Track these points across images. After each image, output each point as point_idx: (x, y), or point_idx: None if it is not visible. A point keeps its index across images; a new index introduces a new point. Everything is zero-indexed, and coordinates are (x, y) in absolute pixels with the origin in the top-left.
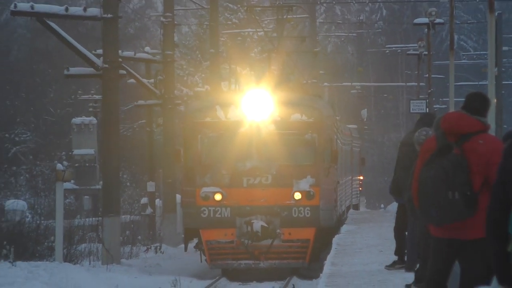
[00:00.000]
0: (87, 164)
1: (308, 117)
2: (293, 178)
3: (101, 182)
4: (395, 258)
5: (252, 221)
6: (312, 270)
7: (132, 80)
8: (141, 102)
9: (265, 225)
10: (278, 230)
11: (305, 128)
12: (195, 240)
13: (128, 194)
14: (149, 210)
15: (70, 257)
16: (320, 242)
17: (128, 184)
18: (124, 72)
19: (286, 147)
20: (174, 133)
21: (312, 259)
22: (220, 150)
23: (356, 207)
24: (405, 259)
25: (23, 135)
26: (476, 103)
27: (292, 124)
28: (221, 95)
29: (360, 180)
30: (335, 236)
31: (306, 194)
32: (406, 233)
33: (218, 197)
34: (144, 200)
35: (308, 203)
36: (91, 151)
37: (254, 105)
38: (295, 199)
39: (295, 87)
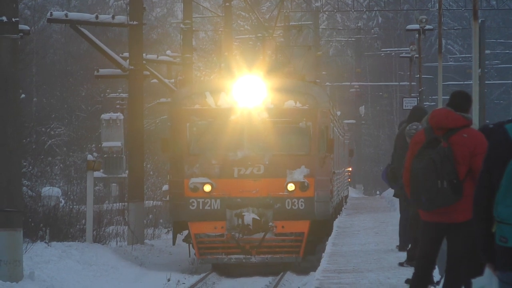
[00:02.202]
0: (114, 155)
1: (302, 104)
2: (287, 168)
3: (127, 171)
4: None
5: (243, 213)
6: (307, 265)
7: (155, 80)
8: (163, 99)
9: (257, 217)
10: (270, 223)
11: (299, 115)
12: (185, 233)
13: (151, 182)
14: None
15: (99, 238)
16: (315, 236)
17: (151, 173)
18: (148, 73)
19: (279, 135)
20: None
21: (306, 254)
22: (209, 139)
23: (345, 198)
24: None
25: (58, 129)
26: (459, 101)
27: (285, 111)
28: (211, 81)
29: (349, 171)
30: (335, 219)
31: (300, 185)
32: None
33: (207, 188)
34: (165, 187)
35: (302, 195)
36: (118, 143)
37: (246, 91)
38: (289, 191)
39: (289, 73)
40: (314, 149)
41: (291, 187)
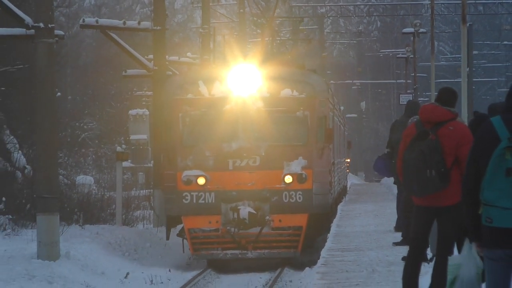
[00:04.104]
0: (141, 147)
1: (299, 92)
2: (284, 160)
3: (152, 161)
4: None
5: (238, 207)
6: (305, 260)
7: None
8: None
9: (253, 211)
10: (267, 217)
11: (296, 104)
12: (179, 227)
13: None
14: None
15: (127, 221)
16: (314, 229)
17: None
18: (170, 73)
19: (276, 125)
20: None
21: (305, 248)
22: (203, 130)
23: (345, 188)
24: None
25: (90, 124)
26: (446, 96)
27: (282, 100)
28: (205, 70)
29: (347, 162)
30: (340, 204)
31: (298, 177)
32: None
33: (201, 181)
34: None
35: (300, 187)
36: (144, 136)
37: (241, 80)
38: (286, 183)
39: (288, 62)
40: (312, 140)
41: (288, 179)
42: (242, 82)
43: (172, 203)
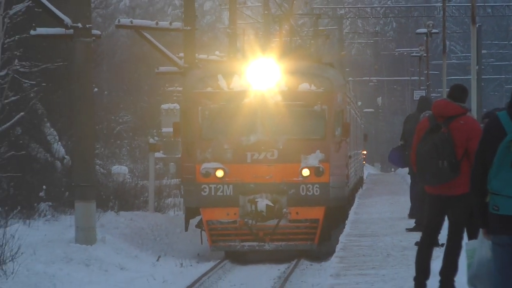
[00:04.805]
0: (172, 139)
1: (317, 87)
2: (301, 153)
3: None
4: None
5: (256, 199)
6: (321, 252)
7: None
8: None
9: (271, 204)
10: (284, 210)
11: (314, 99)
12: (197, 218)
13: None
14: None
15: (159, 208)
16: (331, 222)
17: None
18: None
19: (294, 119)
20: None
21: (321, 241)
22: (222, 123)
23: (361, 179)
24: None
25: (125, 117)
26: (457, 93)
27: (300, 94)
28: (224, 64)
29: (364, 154)
30: (357, 193)
31: (315, 171)
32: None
33: (219, 173)
34: None
35: (317, 180)
36: None
37: (259, 74)
38: (303, 176)
39: (305, 55)
40: (329, 133)
41: (305, 172)
42: (260, 76)
43: (190, 195)
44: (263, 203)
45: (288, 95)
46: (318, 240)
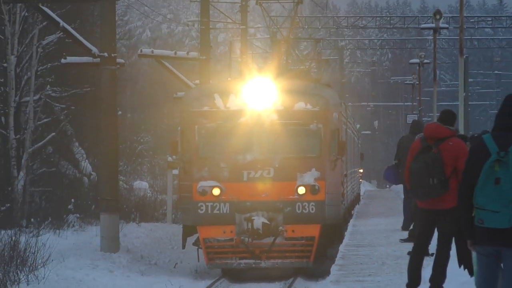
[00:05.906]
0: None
1: (313, 106)
2: (297, 172)
3: None
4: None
5: (252, 217)
6: (318, 270)
7: None
8: None
9: (267, 222)
10: (280, 227)
11: (310, 117)
12: (195, 236)
13: None
14: None
15: (176, 220)
16: (326, 240)
17: None
18: None
19: (290, 138)
20: None
21: (317, 258)
22: (218, 142)
23: (358, 196)
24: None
25: (146, 138)
26: (446, 117)
27: (296, 113)
28: (220, 83)
29: (360, 173)
30: (356, 205)
31: (311, 189)
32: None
33: (216, 192)
34: None
35: (313, 198)
36: None
37: (255, 93)
38: (299, 194)
39: (302, 73)
40: (325, 152)
41: (301, 190)
42: (257, 95)
43: (187, 213)
44: (259, 221)
45: (284, 114)
46: (314, 258)
